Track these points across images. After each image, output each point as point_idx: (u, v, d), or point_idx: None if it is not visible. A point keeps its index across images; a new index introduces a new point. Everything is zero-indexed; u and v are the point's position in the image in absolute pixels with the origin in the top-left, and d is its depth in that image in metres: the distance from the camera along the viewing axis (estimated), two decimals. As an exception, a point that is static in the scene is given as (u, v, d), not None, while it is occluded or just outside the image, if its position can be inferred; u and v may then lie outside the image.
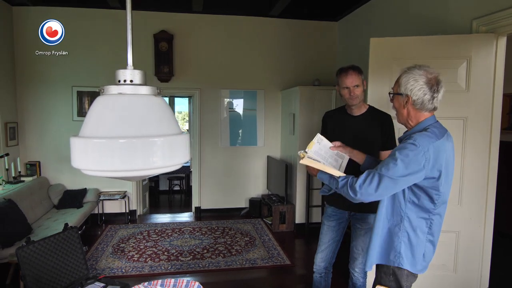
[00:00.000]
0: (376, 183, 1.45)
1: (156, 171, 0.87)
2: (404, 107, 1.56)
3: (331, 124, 2.41)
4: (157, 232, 4.42)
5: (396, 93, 1.57)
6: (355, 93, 2.18)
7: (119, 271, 3.39)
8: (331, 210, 2.38)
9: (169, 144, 0.86)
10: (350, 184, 1.53)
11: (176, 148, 0.88)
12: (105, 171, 0.84)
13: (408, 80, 1.51)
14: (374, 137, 2.26)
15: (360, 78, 2.19)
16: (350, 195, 1.53)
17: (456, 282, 2.80)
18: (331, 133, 2.37)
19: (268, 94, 5.25)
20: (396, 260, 1.58)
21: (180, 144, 0.89)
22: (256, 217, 5.07)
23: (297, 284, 3.34)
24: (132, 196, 4.98)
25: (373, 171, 1.48)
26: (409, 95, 1.51)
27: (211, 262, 3.62)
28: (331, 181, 1.68)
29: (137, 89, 0.87)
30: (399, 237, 1.57)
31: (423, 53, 2.73)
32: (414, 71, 1.53)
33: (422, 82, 1.49)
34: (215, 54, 5.06)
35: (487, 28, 2.69)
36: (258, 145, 5.30)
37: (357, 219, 2.30)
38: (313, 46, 5.28)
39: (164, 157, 0.86)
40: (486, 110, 2.66)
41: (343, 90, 2.22)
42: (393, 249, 1.59)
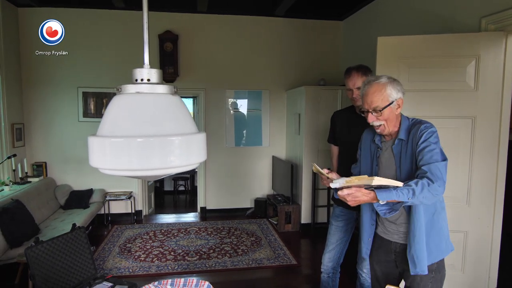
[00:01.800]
0: (443, 171, 1.48)
1: (173, 170, 0.87)
2: (396, 112, 1.61)
3: (340, 124, 2.42)
4: (163, 232, 4.43)
5: (387, 105, 1.58)
6: (357, 95, 2.17)
7: (126, 271, 3.40)
8: (339, 210, 2.37)
9: (187, 143, 0.86)
10: (427, 184, 1.43)
11: (193, 147, 0.88)
12: (123, 170, 0.84)
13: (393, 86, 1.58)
14: None
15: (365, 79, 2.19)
16: (433, 194, 1.43)
17: (464, 282, 2.78)
18: (340, 133, 2.41)
19: (273, 94, 5.24)
20: (449, 247, 1.66)
21: (197, 143, 0.89)
22: (261, 217, 5.07)
23: (303, 284, 3.33)
24: (138, 196, 5.00)
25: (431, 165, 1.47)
26: (399, 99, 1.60)
27: (218, 262, 3.62)
28: (400, 193, 1.42)
29: (154, 88, 0.87)
30: (440, 224, 1.62)
31: (431, 52, 2.70)
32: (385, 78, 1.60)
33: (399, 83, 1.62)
34: (220, 54, 5.06)
35: (496, 27, 2.66)
36: (263, 145, 5.30)
37: None
38: (318, 45, 5.27)
39: (182, 156, 0.86)
40: (495, 110, 2.63)
41: (346, 91, 2.26)
42: (442, 239, 1.63)
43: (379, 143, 1.74)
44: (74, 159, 4.81)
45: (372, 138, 1.80)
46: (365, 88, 1.63)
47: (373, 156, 1.78)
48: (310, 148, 4.49)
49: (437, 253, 1.64)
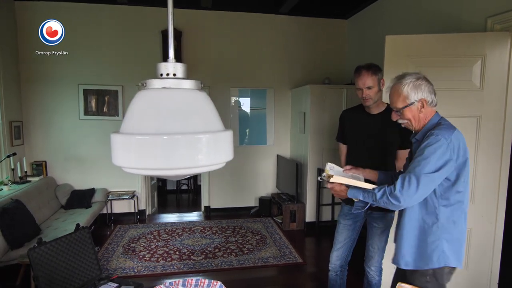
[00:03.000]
0: (415, 184, 1.43)
1: (200, 169, 0.82)
2: (420, 112, 1.59)
3: (349, 123, 2.38)
4: (167, 232, 4.38)
5: (406, 105, 1.57)
6: (367, 94, 2.14)
7: (131, 271, 3.35)
8: (347, 208, 2.34)
9: (214, 141, 0.81)
10: (389, 192, 1.49)
11: (220, 146, 0.83)
12: (148, 169, 0.80)
13: (412, 87, 1.55)
14: (392, 136, 2.22)
15: (375, 79, 2.13)
16: (393, 203, 1.49)
17: (467, 278, 2.80)
18: (349, 132, 2.38)
19: (277, 93, 5.19)
20: (441, 261, 1.56)
21: (224, 141, 0.84)
22: (266, 216, 5.03)
23: (310, 282, 3.30)
24: (141, 195, 4.94)
25: (407, 174, 1.47)
26: (422, 99, 1.56)
27: (224, 261, 3.58)
28: (366, 195, 1.61)
29: (180, 83, 0.82)
30: (438, 235, 1.55)
31: (438, 51, 2.70)
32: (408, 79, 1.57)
33: (423, 83, 1.57)
34: (224, 52, 5.00)
35: (501, 27, 2.66)
36: (267, 144, 5.25)
37: (374, 218, 2.26)
38: (323, 44, 5.22)
39: (209, 155, 0.81)
40: (500, 109, 2.64)
41: (356, 90, 2.20)
42: (435, 250, 1.56)
43: (412, 139, 1.75)
44: (75, 158, 4.75)
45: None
46: (389, 89, 1.66)
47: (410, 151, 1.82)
48: (315, 147, 4.45)
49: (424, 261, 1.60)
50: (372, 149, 2.25)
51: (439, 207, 1.54)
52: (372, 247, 2.32)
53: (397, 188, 1.46)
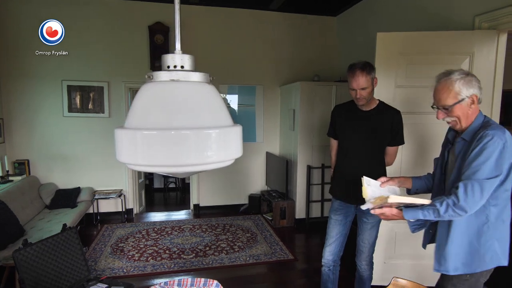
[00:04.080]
0: (479, 191, 1.39)
1: (209, 166, 0.79)
2: (469, 109, 1.53)
3: (341, 119, 2.37)
4: (156, 231, 4.31)
5: (457, 102, 1.51)
6: (361, 95, 2.12)
7: (121, 271, 3.28)
8: (337, 204, 2.37)
9: (224, 136, 0.79)
10: (453, 204, 1.42)
11: (230, 141, 0.81)
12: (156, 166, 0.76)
13: (464, 83, 1.50)
14: (384, 133, 2.24)
15: (369, 79, 2.10)
16: (459, 214, 1.43)
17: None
18: (340, 128, 2.37)
19: (267, 90, 5.18)
20: (494, 261, 1.55)
21: (234, 137, 0.82)
22: (255, 213, 5.02)
23: (301, 278, 3.31)
24: (128, 194, 4.84)
25: (470, 181, 1.41)
26: (473, 95, 1.50)
27: (215, 259, 3.55)
28: (426, 213, 1.48)
29: (189, 75, 0.80)
30: (490, 236, 1.53)
31: (428, 49, 2.74)
32: (458, 74, 1.52)
33: (473, 79, 1.52)
34: (213, 48, 4.94)
35: (489, 25, 2.72)
36: (257, 141, 5.23)
37: (364, 213, 2.27)
38: (312, 41, 5.23)
39: (219, 151, 0.78)
40: (487, 106, 2.70)
41: (350, 91, 2.17)
42: (488, 251, 1.53)
43: (451, 138, 1.69)
44: (60, 156, 4.60)
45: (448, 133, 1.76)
46: (435, 85, 1.57)
47: (445, 151, 1.75)
48: (305, 144, 4.47)
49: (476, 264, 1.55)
50: (364, 146, 2.25)
51: (489, 207, 1.51)
52: (363, 242, 2.35)
53: (460, 198, 1.40)
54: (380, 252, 2.93)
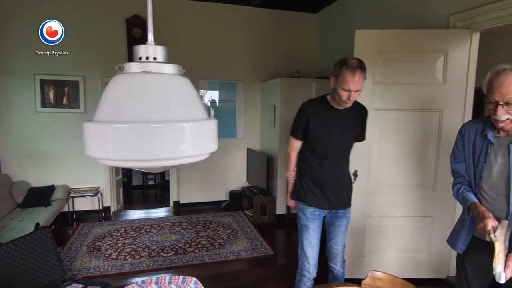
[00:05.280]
0: None
1: (184, 160, 0.78)
2: None
3: (314, 118, 2.10)
4: (135, 229, 4.23)
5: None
6: (353, 98, 1.94)
7: (97, 271, 3.20)
8: (311, 211, 2.18)
9: (199, 130, 0.77)
10: None
11: (205, 135, 0.79)
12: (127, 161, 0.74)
13: None
14: (355, 130, 2.19)
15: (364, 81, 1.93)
16: None
17: (429, 262, 2.98)
18: (315, 129, 2.12)
19: (248, 86, 5.16)
20: None
21: (209, 131, 0.80)
22: (236, 209, 5.02)
23: (282, 273, 3.34)
24: (106, 192, 4.72)
25: None
26: None
27: (195, 256, 3.53)
28: None
29: (162, 67, 0.77)
30: None
31: (405, 47, 2.80)
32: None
33: None
34: (192, 43, 4.87)
35: (463, 24, 2.80)
36: (237, 137, 5.21)
37: (339, 216, 2.23)
38: (292, 37, 5.25)
39: (194, 145, 0.77)
40: (460, 103, 2.80)
41: (342, 90, 1.92)
42: None
43: (491, 138, 1.53)
44: (33, 153, 4.42)
45: (479, 132, 1.59)
46: (500, 77, 1.39)
47: (480, 153, 1.57)
48: (285, 140, 4.47)
49: None
50: (341, 146, 2.14)
51: None
52: (337, 245, 2.27)
53: None
54: (359, 246, 3.00)
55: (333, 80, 1.98)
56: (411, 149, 2.88)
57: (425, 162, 2.87)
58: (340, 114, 2.10)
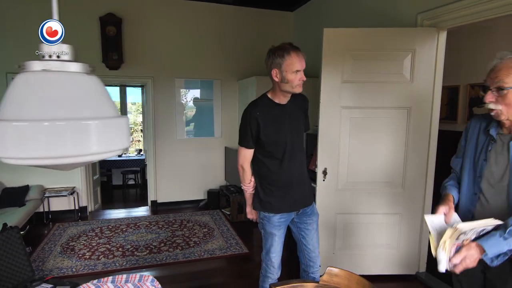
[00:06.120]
0: None
1: (90, 158, 0.78)
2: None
3: (263, 120, 1.95)
4: (111, 228, 4.21)
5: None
6: (305, 78, 1.88)
7: (69, 271, 3.18)
8: (278, 217, 2.06)
9: (105, 127, 0.78)
10: None
11: (113, 132, 0.80)
12: (29, 159, 0.74)
13: None
14: (301, 122, 2.09)
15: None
16: None
17: (399, 258, 3.02)
18: (265, 130, 1.97)
19: (225, 84, 5.16)
20: None
21: (117, 128, 0.81)
22: (214, 208, 5.02)
23: (256, 271, 3.34)
24: (82, 192, 4.68)
25: None
26: None
27: (169, 255, 3.53)
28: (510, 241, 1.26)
29: (65, 65, 0.78)
30: None
31: (373, 45, 2.82)
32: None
33: None
34: (168, 41, 4.85)
35: (430, 23, 2.84)
36: (215, 136, 5.22)
37: (308, 214, 2.13)
38: (269, 35, 5.25)
39: (100, 143, 0.78)
40: (427, 101, 2.83)
41: (292, 74, 1.83)
42: None
43: (494, 134, 1.46)
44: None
45: (483, 127, 1.53)
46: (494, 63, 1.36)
47: (482, 148, 1.50)
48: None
49: None
50: (294, 142, 2.03)
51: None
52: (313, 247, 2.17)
53: None
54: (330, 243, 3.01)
55: (276, 72, 1.89)
56: (380, 147, 2.90)
57: (394, 159, 2.90)
58: (285, 108, 2.00)
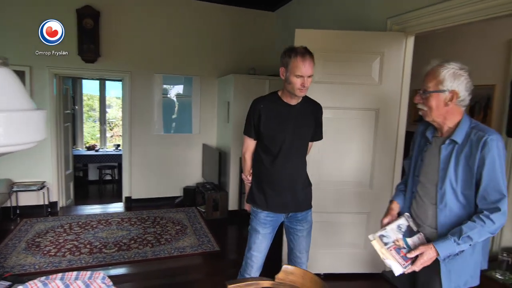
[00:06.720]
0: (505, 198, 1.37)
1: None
2: (446, 105, 1.42)
3: (265, 114, 2.00)
4: (81, 225, 4.13)
5: (436, 90, 1.41)
6: (308, 84, 1.88)
7: (32, 268, 3.10)
8: (265, 215, 2.05)
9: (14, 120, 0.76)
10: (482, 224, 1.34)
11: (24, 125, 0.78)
12: None
13: (451, 75, 1.40)
14: (310, 128, 2.08)
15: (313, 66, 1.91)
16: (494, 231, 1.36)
17: (366, 258, 3.06)
18: (267, 125, 2.01)
19: (204, 81, 5.12)
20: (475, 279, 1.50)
21: (30, 121, 0.79)
22: (190, 205, 4.99)
23: (227, 270, 3.34)
24: (53, 186, 4.57)
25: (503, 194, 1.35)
26: (455, 91, 1.40)
27: (138, 252, 3.48)
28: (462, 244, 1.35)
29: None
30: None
31: (344, 47, 2.84)
32: (452, 65, 1.41)
33: (464, 75, 1.41)
34: (148, 36, 4.77)
35: (399, 27, 2.89)
36: (193, 132, 5.17)
37: (299, 220, 2.10)
38: (250, 34, 5.25)
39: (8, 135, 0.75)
40: (395, 103, 2.88)
41: (294, 77, 1.86)
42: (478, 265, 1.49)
43: (430, 136, 1.56)
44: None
45: (423, 130, 1.62)
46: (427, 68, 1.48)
47: (421, 150, 1.61)
48: (239, 136, 4.49)
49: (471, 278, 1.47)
50: (295, 144, 2.02)
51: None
52: (301, 253, 2.14)
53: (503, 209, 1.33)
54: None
55: (283, 70, 1.93)
56: (350, 147, 2.94)
57: (362, 159, 2.94)
58: (293, 109, 2.00)
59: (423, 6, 2.60)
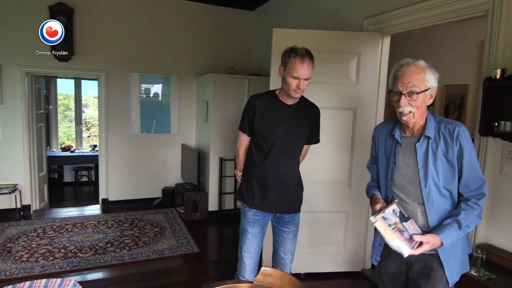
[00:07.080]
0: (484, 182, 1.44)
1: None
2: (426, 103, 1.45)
3: (261, 112, 2.00)
4: (55, 228, 4.01)
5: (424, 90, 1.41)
6: (303, 87, 1.87)
7: (2, 275, 2.99)
8: (253, 213, 2.05)
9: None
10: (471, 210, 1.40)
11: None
12: None
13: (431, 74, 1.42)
14: (305, 129, 2.06)
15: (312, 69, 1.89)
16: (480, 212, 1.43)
17: (345, 256, 3.10)
18: (261, 123, 2.01)
19: (182, 80, 5.06)
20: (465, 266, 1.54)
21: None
22: (169, 206, 4.93)
23: (207, 271, 3.32)
24: (25, 189, 4.41)
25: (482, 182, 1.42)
26: (435, 89, 1.44)
27: (114, 256, 3.41)
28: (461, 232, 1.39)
29: None
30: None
31: (321, 47, 2.85)
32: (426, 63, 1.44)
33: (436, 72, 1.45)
34: (124, 34, 4.68)
35: (375, 28, 2.94)
36: (172, 132, 5.11)
37: (286, 222, 2.09)
38: (229, 33, 5.22)
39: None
40: (372, 102, 2.93)
41: (291, 78, 1.85)
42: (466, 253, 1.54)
43: (398, 138, 1.53)
44: None
45: (388, 133, 1.60)
46: (403, 69, 1.42)
47: (390, 153, 1.57)
48: (218, 136, 4.47)
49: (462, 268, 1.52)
50: (287, 144, 2.01)
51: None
52: (285, 254, 2.14)
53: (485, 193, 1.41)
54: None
55: (281, 69, 1.92)
56: (328, 146, 2.95)
57: (340, 158, 2.97)
58: (289, 109, 1.99)
59: (400, 6, 2.66)
